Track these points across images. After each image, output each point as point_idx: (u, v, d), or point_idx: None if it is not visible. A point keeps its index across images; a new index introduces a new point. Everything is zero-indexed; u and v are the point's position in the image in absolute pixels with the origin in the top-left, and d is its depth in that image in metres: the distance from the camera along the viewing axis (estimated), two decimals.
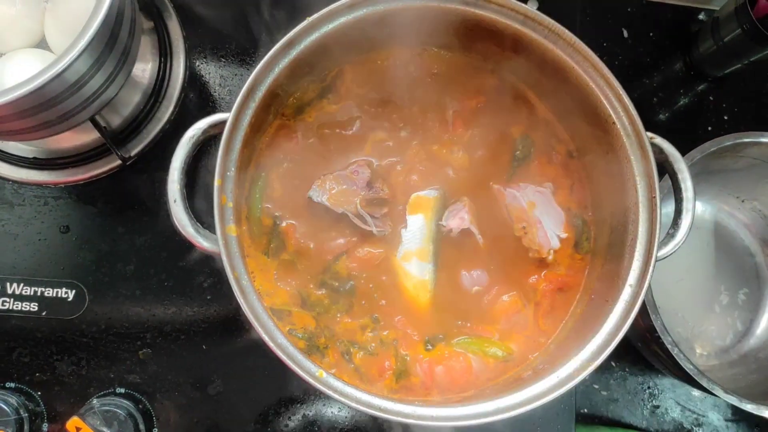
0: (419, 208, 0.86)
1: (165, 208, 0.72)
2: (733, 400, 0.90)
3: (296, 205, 0.84)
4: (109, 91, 0.79)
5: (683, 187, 0.78)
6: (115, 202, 0.95)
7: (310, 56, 0.77)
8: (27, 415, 0.87)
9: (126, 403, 0.87)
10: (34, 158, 0.93)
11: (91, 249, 0.93)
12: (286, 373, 0.69)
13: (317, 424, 0.93)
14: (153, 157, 0.95)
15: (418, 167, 0.87)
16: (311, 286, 0.83)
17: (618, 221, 0.82)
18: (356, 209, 0.83)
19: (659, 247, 0.76)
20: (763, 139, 0.97)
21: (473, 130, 0.89)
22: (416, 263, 0.84)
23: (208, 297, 0.93)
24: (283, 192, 0.84)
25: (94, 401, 0.87)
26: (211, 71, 1.00)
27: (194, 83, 0.99)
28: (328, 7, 0.75)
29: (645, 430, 1.09)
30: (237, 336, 0.93)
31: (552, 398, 0.71)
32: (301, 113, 0.86)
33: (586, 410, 1.09)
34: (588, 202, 0.88)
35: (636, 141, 0.78)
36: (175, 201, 0.71)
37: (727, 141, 0.95)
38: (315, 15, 0.75)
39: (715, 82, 1.14)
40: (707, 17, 1.14)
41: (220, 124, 0.73)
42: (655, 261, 0.76)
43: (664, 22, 1.16)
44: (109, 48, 0.73)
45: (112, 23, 0.71)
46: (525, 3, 0.78)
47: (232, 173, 0.74)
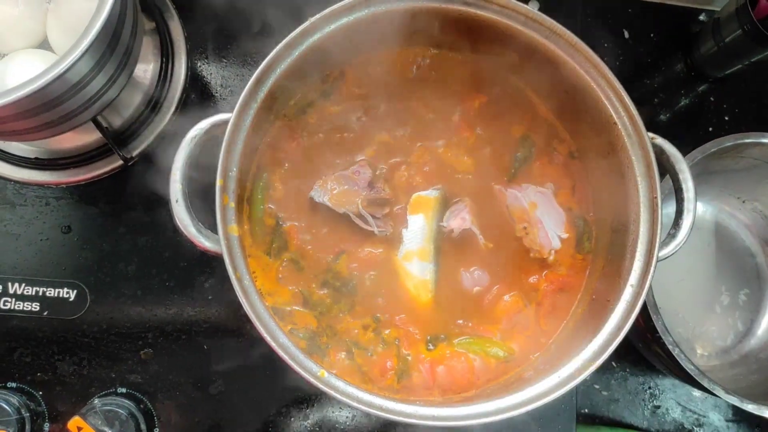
0: (420, 208, 0.86)
1: (167, 208, 0.71)
2: (734, 401, 0.89)
3: (298, 206, 0.84)
4: (111, 92, 0.79)
5: (684, 187, 0.78)
6: (117, 203, 0.95)
7: (312, 57, 0.78)
8: (28, 414, 0.87)
9: (127, 402, 0.88)
10: (35, 158, 0.93)
11: (92, 249, 0.93)
12: (287, 372, 0.69)
13: (319, 424, 0.93)
14: (155, 157, 0.95)
15: (419, 167, 0.87)
16: (313, 286, 0.83)
17: (619, 221, 0.82)
18: (358, 209, 0.83)
19: (660, 248, 0.76)
20: (764, 140, 0.97)
21: (475, 130, 0.89)
22: (417, 263, 0.85)
23: (210, 297, 0.94)
24: (284, 192, 0.84)
25: (96, 401, 0.87)
26: (212, 72, 1.00)
27: (196, 84, 0.99)
28: (330, 8, 0.75)
29: (646, 431, 1.09)
30: (238, 336, 0.93)
31: (553, 398, 0.71)
32: (302, 114, 0.86)
33: (586, 410, 1.09)
34: (589, 203, 0.88)
35: (637, 141, 0.78)
36: (176, 201, 0.71)
37: (728, 141, 0.95)
38: (317, 16, 0.75)
39: (716, 83, 1.14)
40: (708, 18, 1.14)
41: (222, 124, 0.73)
42: (657, 261, 0.76)
43: (665, 22, 1.16)
44: (111, 49, 0.73)
45: (114, 24, 0.71)
46: (526, 4, 0.78)
47: (233, 173, 0.74)
